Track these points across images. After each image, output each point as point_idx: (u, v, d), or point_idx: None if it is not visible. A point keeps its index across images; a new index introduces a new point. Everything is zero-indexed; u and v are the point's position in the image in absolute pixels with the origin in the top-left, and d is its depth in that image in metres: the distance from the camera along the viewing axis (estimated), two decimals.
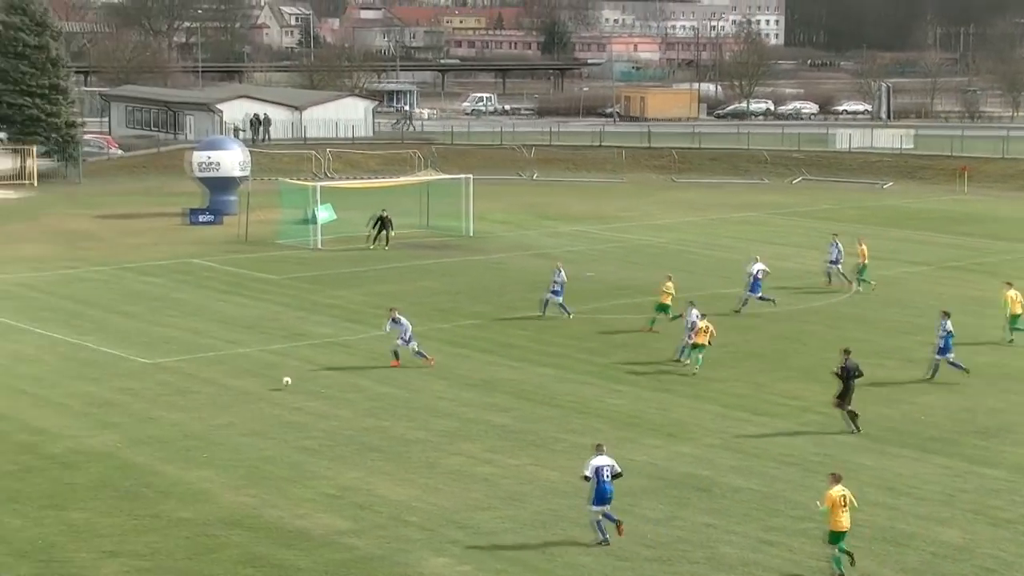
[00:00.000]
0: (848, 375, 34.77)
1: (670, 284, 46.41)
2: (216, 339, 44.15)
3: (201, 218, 70.24)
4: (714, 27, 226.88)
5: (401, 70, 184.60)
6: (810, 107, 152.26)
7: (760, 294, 49.25)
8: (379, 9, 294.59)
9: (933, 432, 34.72)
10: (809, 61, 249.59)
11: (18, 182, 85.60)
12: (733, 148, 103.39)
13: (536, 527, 27.60)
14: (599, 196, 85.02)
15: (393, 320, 40.98)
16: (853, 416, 34.68)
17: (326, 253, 61.48)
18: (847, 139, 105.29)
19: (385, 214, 62.90)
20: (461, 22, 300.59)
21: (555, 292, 47.67)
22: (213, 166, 72.24)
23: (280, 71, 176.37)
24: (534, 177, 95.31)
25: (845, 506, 25.65)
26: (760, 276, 49.34)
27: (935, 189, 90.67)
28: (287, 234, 65.92)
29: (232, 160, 72.64)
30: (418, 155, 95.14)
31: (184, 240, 64.92)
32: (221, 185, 72.24)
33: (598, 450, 27.51)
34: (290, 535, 27.00)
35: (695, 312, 41.44)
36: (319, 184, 69.42)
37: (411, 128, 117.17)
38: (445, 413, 35.80)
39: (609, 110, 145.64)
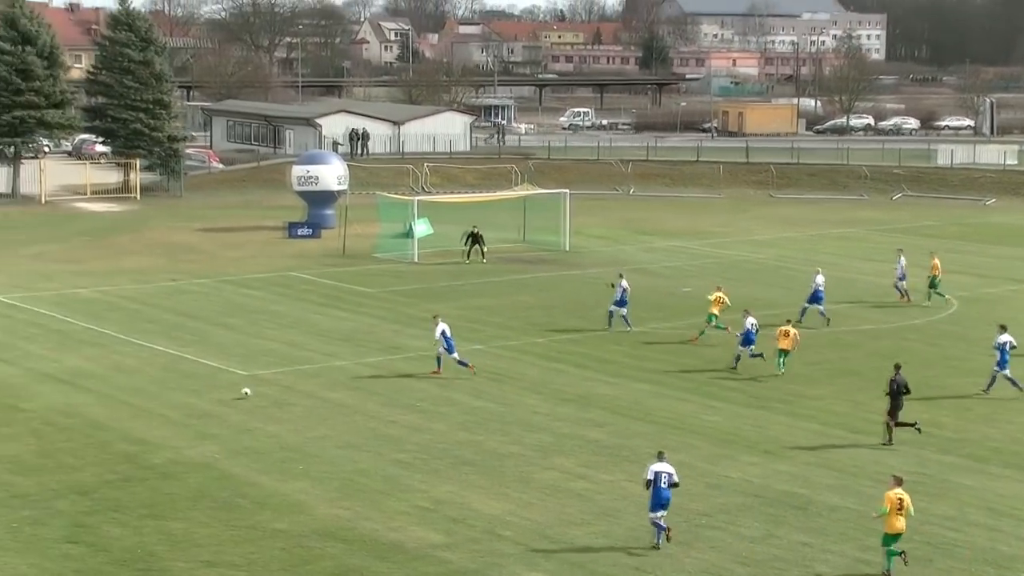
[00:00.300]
0: (897, 391, 34.97)
1: (720, 294, 46.81)
2: (313, 352, 44.49)
3: (300, 231, 70.86)
4: (814, 42, 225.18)
5: (499, 85, 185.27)
6: (912, 122, 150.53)
7: (821, 308, 49.44)
8: (478, 24, 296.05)
9: None
10: (911, 76, 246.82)
11: (122, 195, 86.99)
12: (832, 164, 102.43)
13: (630, 543, 27.45)
14: (696, 211, 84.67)
15: (440, 327, 40.97)
16: (890, 429, 34.87)
17: (423, 267, 61.76)
18: (949, 155, 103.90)
19: (476, 230, 63.10)
20: (560, 37, 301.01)
21: (619, 303, 47.57)
22: (312, 180, 72.87)
23: (379, 86, 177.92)
24: (631, 192, 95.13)
25: (901, 509, 26.11)
26: (821, 288, 49.80)
27: None
28: (384, 248, 66.31)
29: (331, 174, 73.19)
30: (515, 170, 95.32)
31: (283, 253, 65.53)
32: (320, 199, 72.85)
33: (659, 457, 27.95)
34: (384, 548, 27.09)
35: (751, 320, 42.26)
36: (417, 198, 69.80)
37: (503, 142, 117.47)
38: (539, 427, 35.76)
39: (707, 125, 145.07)
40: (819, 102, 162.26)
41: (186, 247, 67.25)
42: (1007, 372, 39.60)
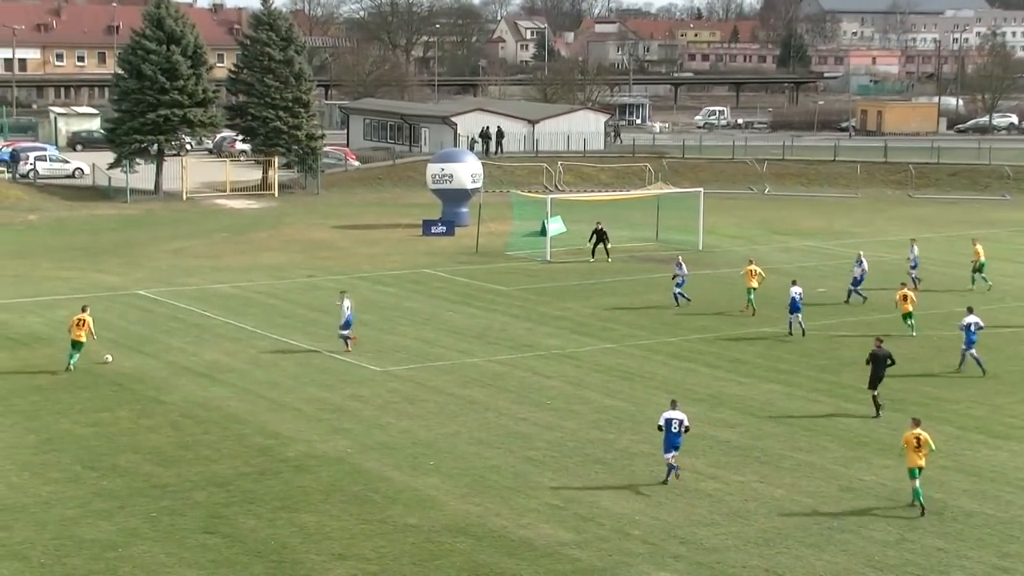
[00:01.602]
0: (877, 362, 36.88)
1: (753, 267, 50.56)
2: (445, 348, 44.81)
3: (434, 229, 71.37)
4: (957, 39, 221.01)
5: (635, 83, 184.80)
6: None
7: (858, 288, 52.43)
8: (615, 23, 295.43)
9: None
10: None
11: (261, 192, 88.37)
12: (974, 163, 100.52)
13: (760, 545, 27.25)
14: (832, 211, 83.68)
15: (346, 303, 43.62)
16: (877, 403, 36.88)
17: (555, 265, 61.83)
18: None
19: (600, 227, 63.09)
20: (696, 35, 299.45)
21: (679, 284, 49.83)
22: (446, 178, 73.37)
23: (515, 84, 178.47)
24: (766, 191, 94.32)
25: (919, 446, 29.10)
26: (860, 276, 52.55)
27: None
28: (516, 246, 66.53)
29: (465, 172, 73.61)
30: (649, 168, 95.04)
31: (417, 251, 66.06)
32: (454, 197, 73.33)
33: (672, 405, 31.50)
34: (513, 544, 27.20)
35: (796, 290, 46.35)
36: (550, 196, 69.92)
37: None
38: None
39: (845, 124, 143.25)
40: (961, 101, 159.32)
41: (322, 244, 68.11)
42: (974, 352, 41.65)
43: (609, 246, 62.89)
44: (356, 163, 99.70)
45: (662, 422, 31.09)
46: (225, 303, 52.02)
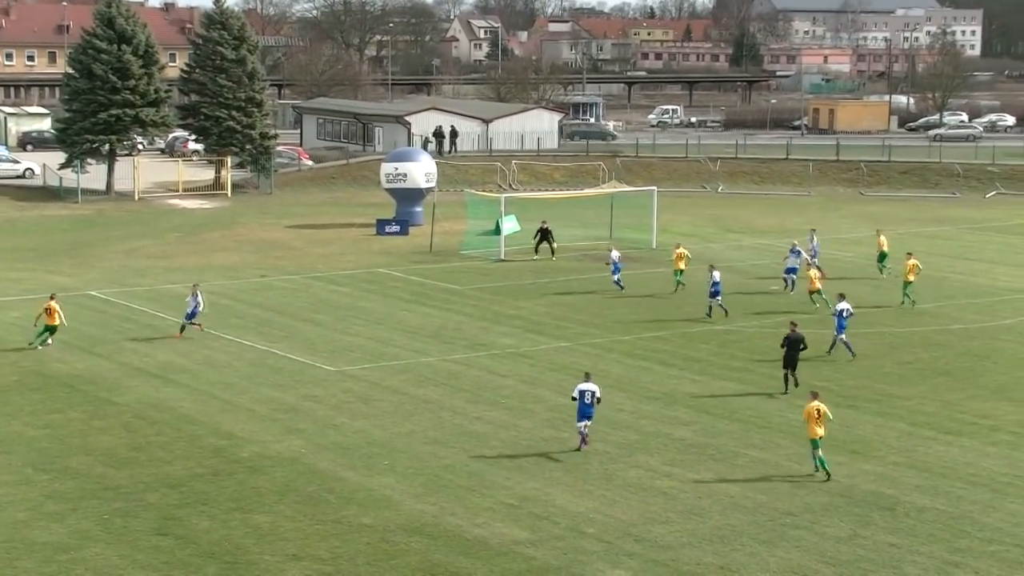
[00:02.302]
0: (791, 346, 39.13)
1: (681, 250, 54.03)
2: (400, 348, 44.75)
3: (388, 228, 71.24)
4: (908, 38, 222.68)
5: (588, 82, 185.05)
6: (1007, 119, 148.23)
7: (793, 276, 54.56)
8: (568, 22, 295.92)
9: None
10: (1007, 72, 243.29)
11: (213, 192, 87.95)
12: (925, 161, 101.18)
13: (714, 542, 27.36)
14: (785, 209, 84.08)
15: (194, 295, 45.43)
16: (787, 380, 39.19)
17: (510, 264, 61.85)
18: None
19: (546, 225, 63.30)
20: (649, 34, 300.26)
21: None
22: (400, 177, 73.27)
23: (469, 83, 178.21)
24: (720, 190, 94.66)
25: (819, 418, 31.09)
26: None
27: None
28: (471, 245, 66.52)
29: (419, 171, 73.53)
30: (603, 167, 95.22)
31: (371, 250, 65.95)
32: (408, 196, 73.25)
33: (586, 378, 33.64)
34: (468, 544, 27.19)
35: (716, 274, 49.34)
36: (504, 195, 69.93)
37: (610, 140, 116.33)
38: (625, 425, 35.72)
39: (797, 123, 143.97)
40: (912, 99, 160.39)
41: (276, 244, 67.87)
42: (843, 336, 43.23)
43: (554, 244, 63.04)
44: (310, 163, 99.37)
45: (576, 393, 33.31)
46: (178, 304, 51.55)
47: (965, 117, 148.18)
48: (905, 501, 29.91)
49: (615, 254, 55.86)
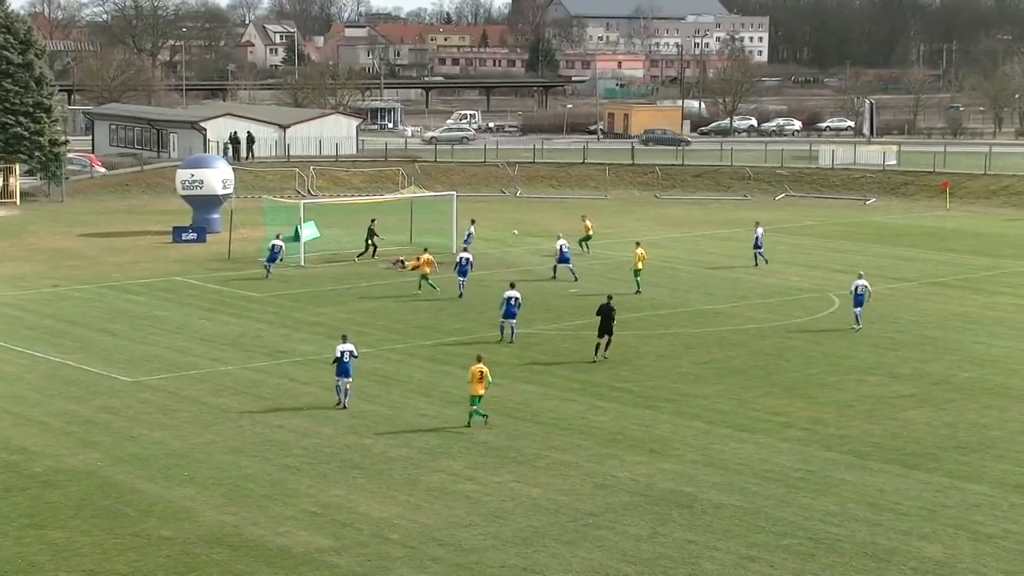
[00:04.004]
0: (604, 315, 43.59)
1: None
2: (199, 357, 44.09)
3: (185, 236, 70.13)
4: (698, 44, 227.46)
5: (386, 88, 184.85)
6: (794, 124, 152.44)
7: (570, 266, 59.22)
8: (364, 27, 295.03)
9: (915, 447, 34.76)
10: (793, 78, 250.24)
11: (1, 201, 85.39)
12: (717, 165, 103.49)
13: (517, 544, 27.55)
14: (583, 212, 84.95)
15: None
16: (597, 348, 43.70)
17: (310, 270, 61.42)
18: (831, 155, 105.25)
19: (372, 225, 64.02)
20: (446, 39, 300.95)
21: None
22: (196, 184, 72.22)
23: (265, 89, 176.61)
24: (518, 194, 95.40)
25: (481, 379, 35.49)
26: (566, 248, 59.43)
27: (919, 205, 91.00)
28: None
29: (216, 178, 72.56)
30: (402, 173, 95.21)
31: (168, 258, 64.85)
32: (205, 203, 72.21)
33: (343, 339, 37.71)
34: (271, 553, 26.93)
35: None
36: (303, 201, 69.43)
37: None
38: (427, 430, 35.77)
39: (593, 127, 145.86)
40: (703, 104, 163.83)
41: (68, 252, 66.27)
42: (513, 323, 46.35)
43: (376, 248, 63.81)
44: (102, 169, 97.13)
45: (337, 354, 37.26)
46: None
47: (754, 121, 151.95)
48: (703, 498, 30.53)
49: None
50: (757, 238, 63.73)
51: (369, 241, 64.07)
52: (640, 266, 56.30)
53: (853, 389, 40.67)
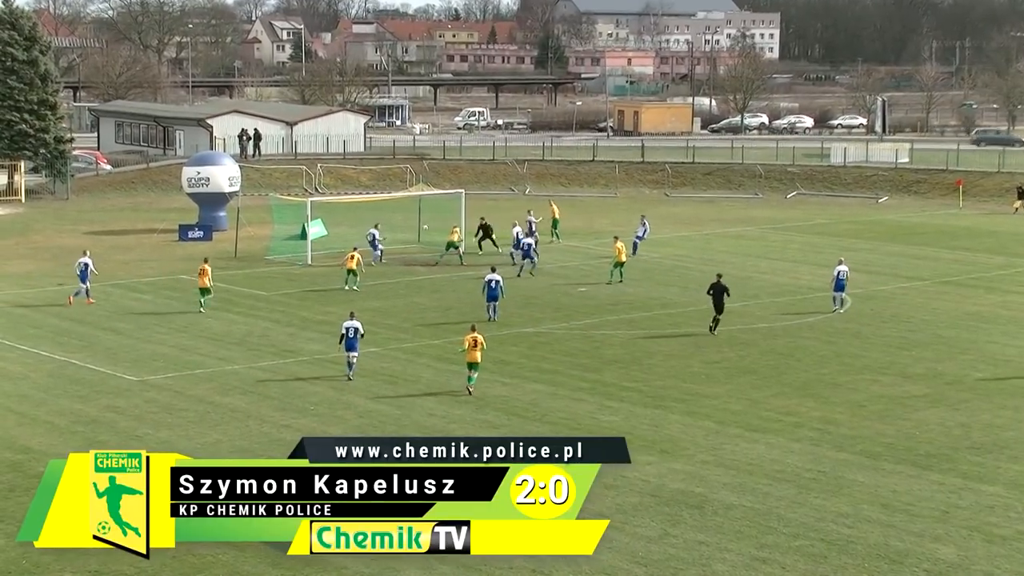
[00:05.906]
0: (717, 292, 46.40)
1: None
2: (205, 356, 43.81)
3: (191, 234, 69.87)
4: (709, 41, 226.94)
5: (394, 84, 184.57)
6: (806, 121, 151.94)
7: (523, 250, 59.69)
8: (372, 23, 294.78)
9: (928, 448, 34.39)
10: (804, 75, 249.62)
11: (6, 199, 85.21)
12: (728, 162, 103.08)
13: None
14: (592, 211, 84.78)
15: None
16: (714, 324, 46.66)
17: (317, 269, 61.11)
18: (843, 153, 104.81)
19: (484, 221, 65.83)
20: (454, 36, 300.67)
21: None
22: (203, 182, 71.92)
23: (272, 86, 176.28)
24: (527, 192, 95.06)
25: (476, 347, 37.91)
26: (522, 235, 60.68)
27: (931, 203, 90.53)
28: (277, 250, 65.56)
29: (222, 176, 72.27)
30: (410, 170, 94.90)
31: (174, 256, 64.59)
32: (211, 200, 71.94)
33: (351, 316, 40.14)
34: (277, 554, 26.35)
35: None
36: (310, 199, 69.13)
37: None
38: (436, 430, 35.41)
39: (603, 124, 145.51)
40: (714, 101, 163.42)
41: (74, 251, 65.72)
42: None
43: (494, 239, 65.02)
44: (108, 167, 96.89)
45: (343, 330, 39.71)
46: None
47: (765, 119, 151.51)
48: (713, 499, 30.19)
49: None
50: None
51: (482, 242, 64.85)
52: (623, 259, 57.21)
53: (865, 389, 40.31)
